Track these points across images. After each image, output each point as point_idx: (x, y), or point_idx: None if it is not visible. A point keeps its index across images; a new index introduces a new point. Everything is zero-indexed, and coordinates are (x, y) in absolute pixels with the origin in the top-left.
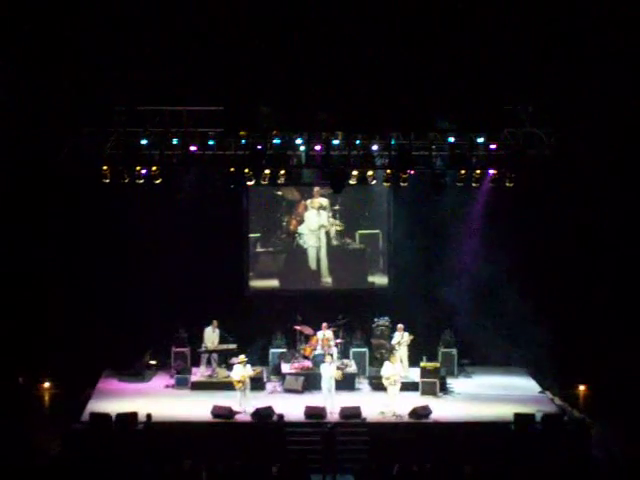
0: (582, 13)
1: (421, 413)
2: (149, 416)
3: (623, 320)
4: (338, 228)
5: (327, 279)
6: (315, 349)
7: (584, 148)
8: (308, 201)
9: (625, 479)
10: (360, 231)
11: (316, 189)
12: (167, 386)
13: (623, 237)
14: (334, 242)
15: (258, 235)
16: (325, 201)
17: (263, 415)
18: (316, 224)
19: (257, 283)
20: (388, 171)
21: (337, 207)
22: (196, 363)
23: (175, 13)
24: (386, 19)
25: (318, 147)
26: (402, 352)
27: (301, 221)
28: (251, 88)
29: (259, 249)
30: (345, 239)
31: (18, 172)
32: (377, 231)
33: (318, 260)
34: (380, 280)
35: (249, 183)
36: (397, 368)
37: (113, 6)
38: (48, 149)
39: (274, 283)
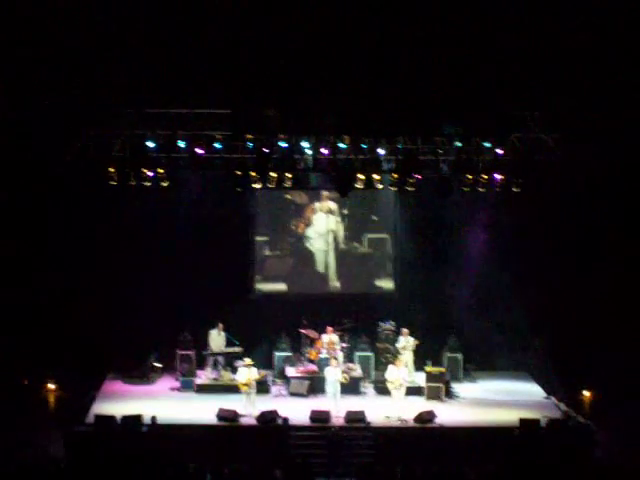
0: (590, 19)
1: (426, 418)
2: (154, 418)
3: (630, 326)
4: (342, 232)
5: (335, 283)
6: (320, 353)
7: (591, 153)
8: (316, 204)
9: None
10: (369, 235)
11: (325, 193)
12: (172, 389)
13: (630, 242)
14: (342, 246)
15: (266, 238)
16: (334, 205)
17: (268, 418)
18: (324, 228)
19: (264, 286)
20: (395, 175)
21: (345, 211)
22: (201, 366)
23: (183, 15)
24: (394, 23)
25: (325, 151)
26: (407, 356)
27: (309, 224)
28: (258, 91)
29: (267, 252)
30: (353, 243)
31: (24, 174)
32: (385, 235)
33: (326, 264)
34: (388, 284)
35: (255, 186)
36: (402, 372)
37: (121, 7)
38: (55, 151)
39: (281, 286)
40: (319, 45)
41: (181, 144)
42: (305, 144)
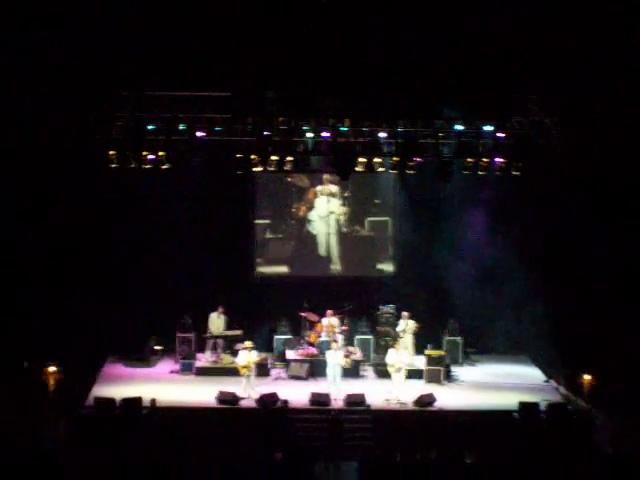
0: (591, 3)
1: (426, 401)
2: (153, 401)
3: (631, 310)
4: (344, 215)
5: (337, 266)
6: (320, 336)
7: (592, 137)
8: (318, 188)
9: (628, 470)
10: (370, 218)
11: (325, 176)
12: (172, 371)
13: (631, 226)
14: (343, 229)
15: (267, 222)
16: (335, 188)
17: (268, 401)
18: (326, 211)
19: (266, 269)
20: (395, 158)
21: (347, 194)
22: (201, 349)
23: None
24: (394, 6)
25: (325, 134)
26: (407, 340)
27: (310, 208)
28: (258, 74)
29: (268, 235)
30: (354, 226)
31: (25, 157)
32: (386, 218)
33: (328, 247)
34: (389, 267)
35: (256, 169)
36: (402, 355)
37: None
38: (55, 133)
39: (283, 269)
40: (320, 28)
41: (181, 127)
42: (305, 127)
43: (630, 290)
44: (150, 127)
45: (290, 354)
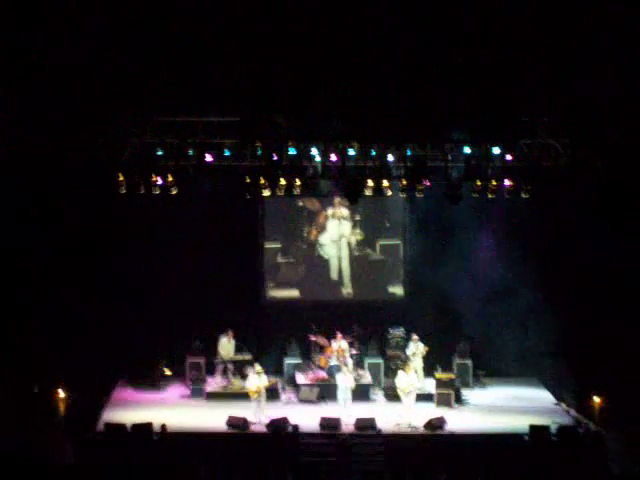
0: (599, 25)
1: (436, 424)
2: (164, 426)
3: None
4: (359, 237)
5: (348, 289)
6: (330, 359)
7: (600, 159)
8: (329, 211)
9: None
10: (381, 242)
11: (337, 199)
12: (182, 396)
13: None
14: (355, 252)
15: (278, 245)
16: (346, 211)
17: (278, 426)
18: (337, 234)
19: (277, 293)
20: (404, 182)
21: (358, 217)
22: (211, 373)
23: (191, 23)
24: (402, 30)
25: (334, 157)
26: (417, 363)
27: (322, 231)
28: (266, 98)
29: (280, 259)
30: (366, 249)
31: (33, 181)
32: (398, 242)
33: (340, 270)
34: (400, 291)
35: (265, 193)
36: (412, 378)
37: (130, 15)
38: (64, 158)
39: (294, 293)
40: (328, 51)
41: (190, 152)
42: (314, 151)
43: None
44: (159, 152)
45: (300, 378)
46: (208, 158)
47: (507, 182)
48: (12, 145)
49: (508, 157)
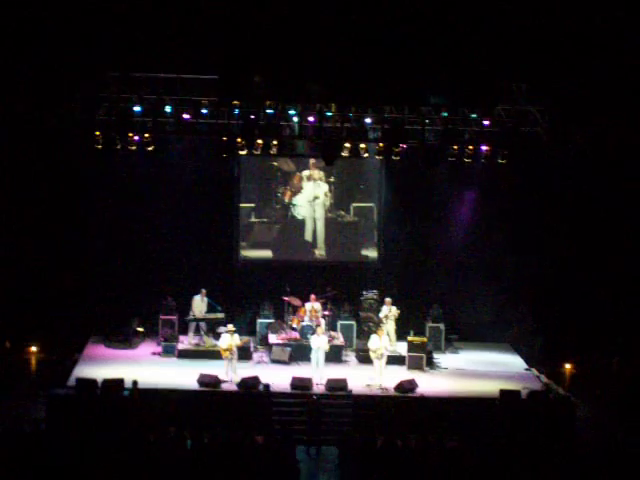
0: None
1: (407, 387)
2: (135, 383)
3: (613, 300)
4: (329, 200)
5: (321, 251)
6: (303, 320)
7: (577, 126)
8: (304, 172)
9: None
10: (355, 204)
11: (312, 161)
12: (154, 353)
13: (617, 216)
14: (328, 214)
15: (252, 205)
16: (321, 173)
17: (249, 385)
18: (311, 196)
19: (250, 253)
20: (380, 144)
21: (332, 179)
22: (184, 331)
23: None
24: None
25: (311, 118)
26: (389, 326)
27: (296, 192)
28: (246, 58)
29: (253, 219)
30: (339, 211)
31: (10, 138)
32: (372, 204)
33: (313, 232)
34: (373, 253)
35: (241, 152)
36: (384, 341)
37: None
38: (41, 114)
39: (267, 253)
40: (307, 12)
41: (167, 109)
42: (291, 111)
43: (616, 280)
44: (136, 109)
45: (272, 338)
46: (185, 116)
47: (484, 147)
48: None
49: (486, 122)
